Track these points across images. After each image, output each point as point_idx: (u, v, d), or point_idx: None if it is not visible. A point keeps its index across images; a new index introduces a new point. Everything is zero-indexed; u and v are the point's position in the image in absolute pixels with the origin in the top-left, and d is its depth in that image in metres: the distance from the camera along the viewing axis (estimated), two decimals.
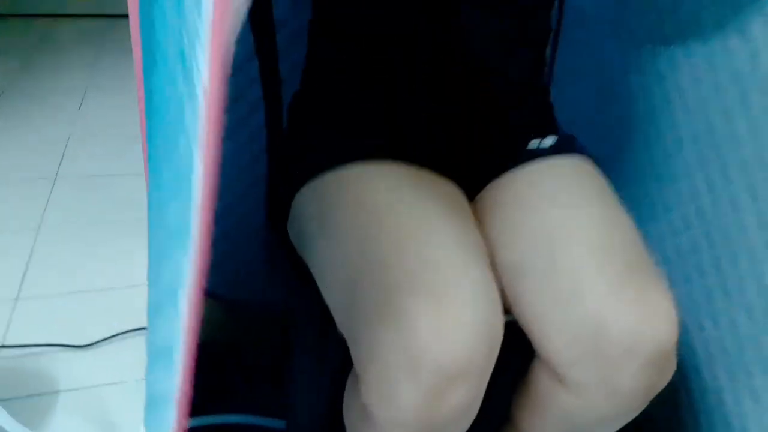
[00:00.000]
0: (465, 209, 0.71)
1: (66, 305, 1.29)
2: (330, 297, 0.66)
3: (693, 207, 0.87)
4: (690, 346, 0.90)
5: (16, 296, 1.30)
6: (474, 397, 0.58)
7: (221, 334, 1.19)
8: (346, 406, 0.70)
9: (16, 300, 1.29)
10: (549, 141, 0.79)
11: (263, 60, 0.91)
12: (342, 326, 0.64)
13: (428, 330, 0.54)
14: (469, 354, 0.55)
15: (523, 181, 0.74)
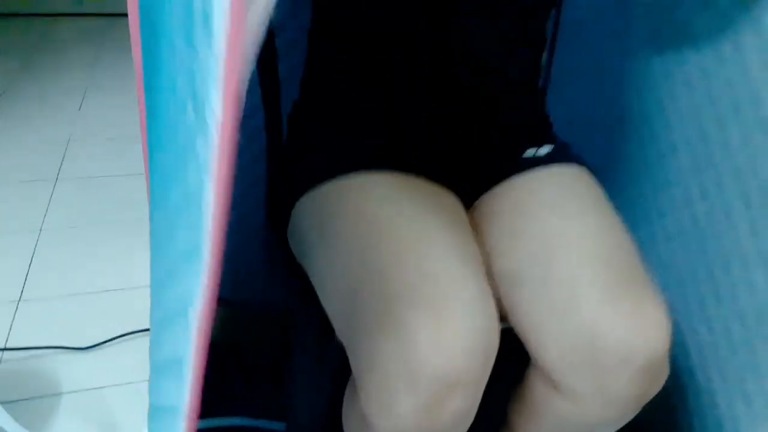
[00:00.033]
0: (462, 219, 0.72)
1: (68, 307, 1.30)
2: (329, 306, 0.67)
3: (687, 213, 0.89)
4: (684, 350, 0.92)
5: (18, 298, 1.31)
6: (471, 405, 0.60)
7: (221, 335, 1.20)
8: (345, 414, 0.71)
9: (18, 302, 1.30)
10: (545, 149, 0.80)
11: (262, 64, 0.92)
12: (341, 335, 0.65)
13: (427, 342, 0.56)
14: (466, 365, 0.57)
15: (519, 191, 0.75)
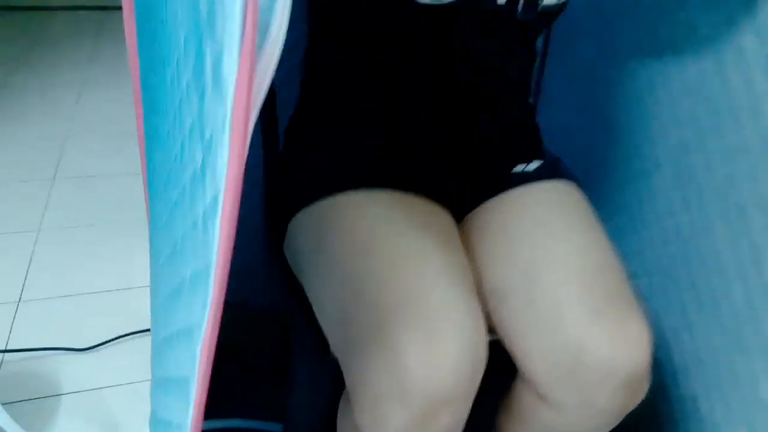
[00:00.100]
0: (454, 236, 0.74)
1: (67, 308, 1.32)
2: (324, 321, 0.70)
3: (670, 224, 0.92)
4: (668, 355, 0.95)
5: (18, 299, 1.33)
6: (460, 419, 0.63)
7: (221, 335, 1.22)
8: (340, 426, 0.74)
9: (18, 303, 1.32)
10: (534, 165, 0.82)
11: None
12: (335, 349, 0.68)
13: (418, 360, 0.58)
14: (455, 381, 0.60)
15: (508, 207, 0.77)
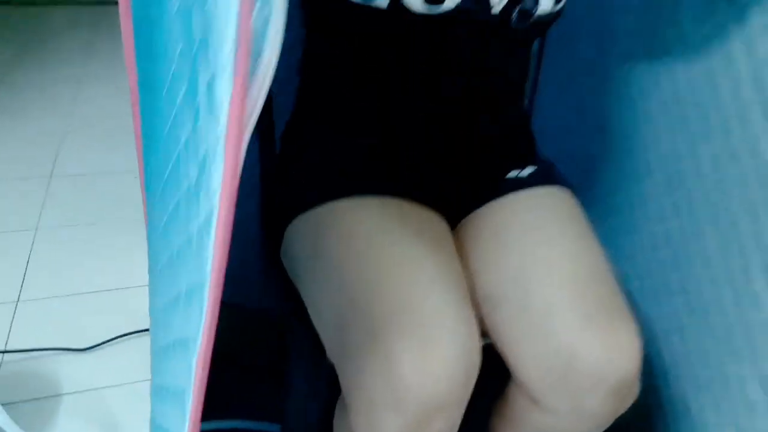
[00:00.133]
0: (449, 242, 0.76)
1: (66, 307, 1.33)
2: (320, 327, 0.71)
3: (661, 228, 0.93)
4: (660, 358, 0.97)
5: (16, 299, 1.33)
6: (453, 424, 0.64)
7: (218, 336, 1.23)
8: (336, 430, 0.75)
9: (16, 303, 1.32)
10: (528, 171, 0.83)
11: None
12: (331, 354, 0.69)
13: (412, 367, 0.60)
14: (449, 387, 0.61)
15: (501, 213, 0.78)
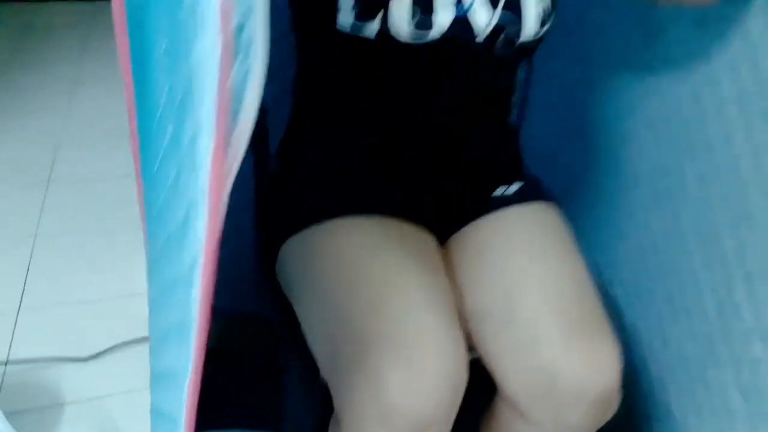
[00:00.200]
0: (437, 259, 0.78)
1: (67, 316, 1.33)
2: (313, 346, 0.74)
3: (647, 239, 0.95)
4: (644, 364, 0.99)
5: (17, 308, 1.34)
6: None
7: (215, 344, 1.24)
8: None
9: (17, 312, 1.33)
10: (514, 187, 0.85)
11: None
12: (324, 373, 0.72)
13: (399, 385, 0.62)
14: (436, 404, 0.64)
15: (487, 231, 0.81)
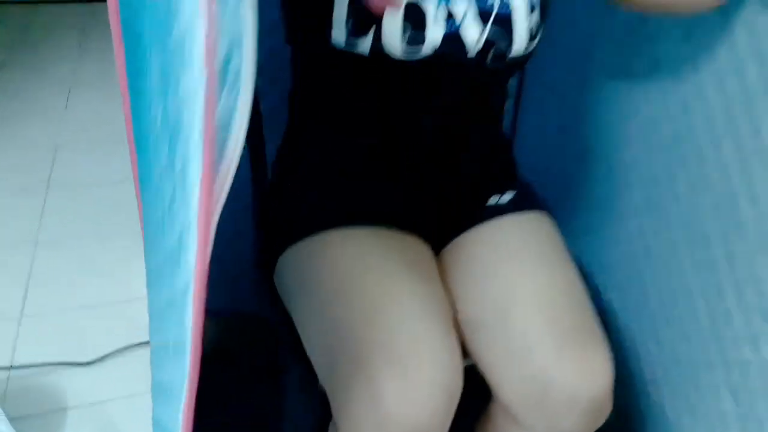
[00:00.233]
0: (432, 269, 0.80)
1: (69, 321, 1.35)
2: (311, 355, 0.75)
3: (640, 244, 0.97)
4: (638, 367, 1.01)
5: (20, 314, 1.36)
6: None
7: (212, 346, 1.26)
8: None
9: (20, 318, 1.35)
10: (508, 196, 0.87)
11: None
12: (322, 381, 0.73)
13: (395, 395, 0.64)
14: (431, 413, 0.65)
15: (480, 241, 0.83)
